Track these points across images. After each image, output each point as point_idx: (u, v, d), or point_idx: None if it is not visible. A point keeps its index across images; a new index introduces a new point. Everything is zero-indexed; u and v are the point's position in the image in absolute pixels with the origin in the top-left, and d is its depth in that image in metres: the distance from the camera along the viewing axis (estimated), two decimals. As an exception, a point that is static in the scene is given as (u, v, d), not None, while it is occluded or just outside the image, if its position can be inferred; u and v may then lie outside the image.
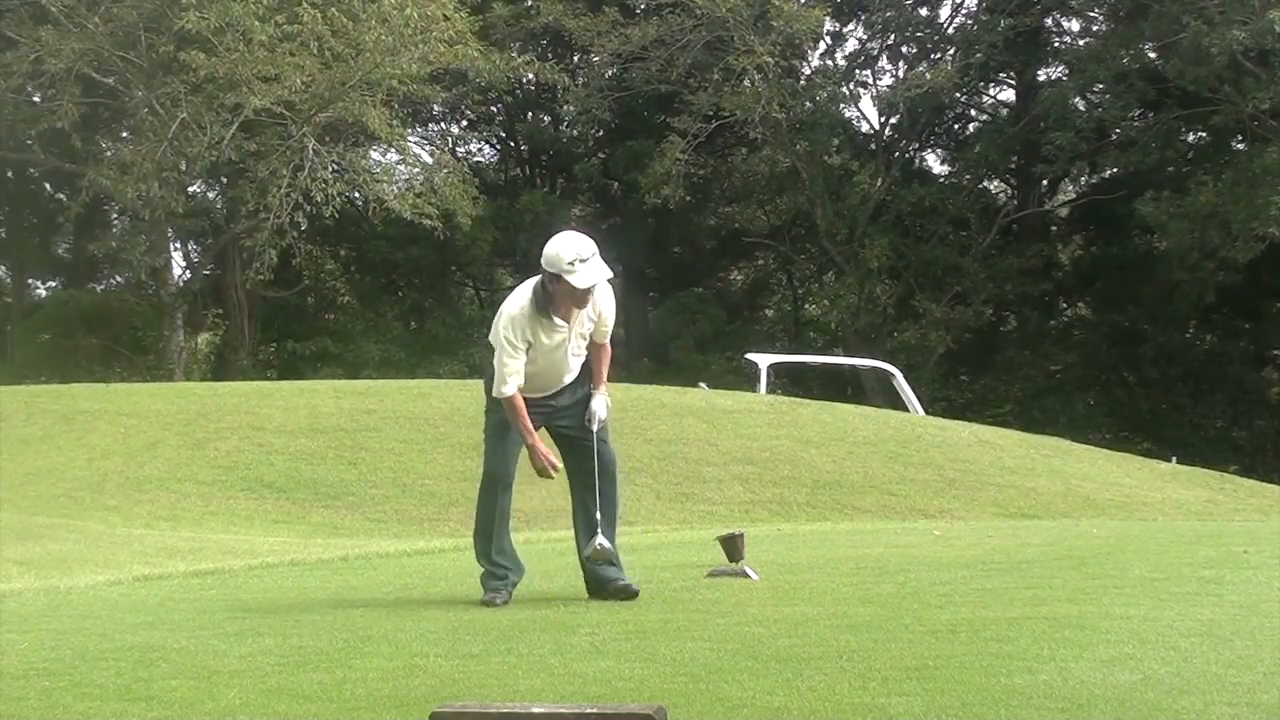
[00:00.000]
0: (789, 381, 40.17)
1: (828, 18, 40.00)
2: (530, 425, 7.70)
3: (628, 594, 7.67)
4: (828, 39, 42.39)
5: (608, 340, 7.97)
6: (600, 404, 7.86)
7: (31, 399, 25.60)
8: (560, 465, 7.91)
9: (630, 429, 23.14)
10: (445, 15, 33.25)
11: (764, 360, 32.97)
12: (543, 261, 7.59)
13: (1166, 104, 37.89)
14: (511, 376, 7.62)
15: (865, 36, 43.95)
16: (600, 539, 7.61)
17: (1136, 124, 39.52)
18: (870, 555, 9.86)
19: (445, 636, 6.46)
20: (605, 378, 8.01)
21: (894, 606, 6.97)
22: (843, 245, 40.94)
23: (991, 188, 46.76)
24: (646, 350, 44.53)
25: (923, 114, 41.96)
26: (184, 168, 36.20)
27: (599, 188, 45.84)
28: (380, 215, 38.88)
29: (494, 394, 7.73)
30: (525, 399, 7.70)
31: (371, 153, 38.71)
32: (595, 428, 7.82)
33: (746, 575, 8.45)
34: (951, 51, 42.35)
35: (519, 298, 7.70)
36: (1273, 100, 35.32)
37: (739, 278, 50.94)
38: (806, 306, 49.01)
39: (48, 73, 33.98)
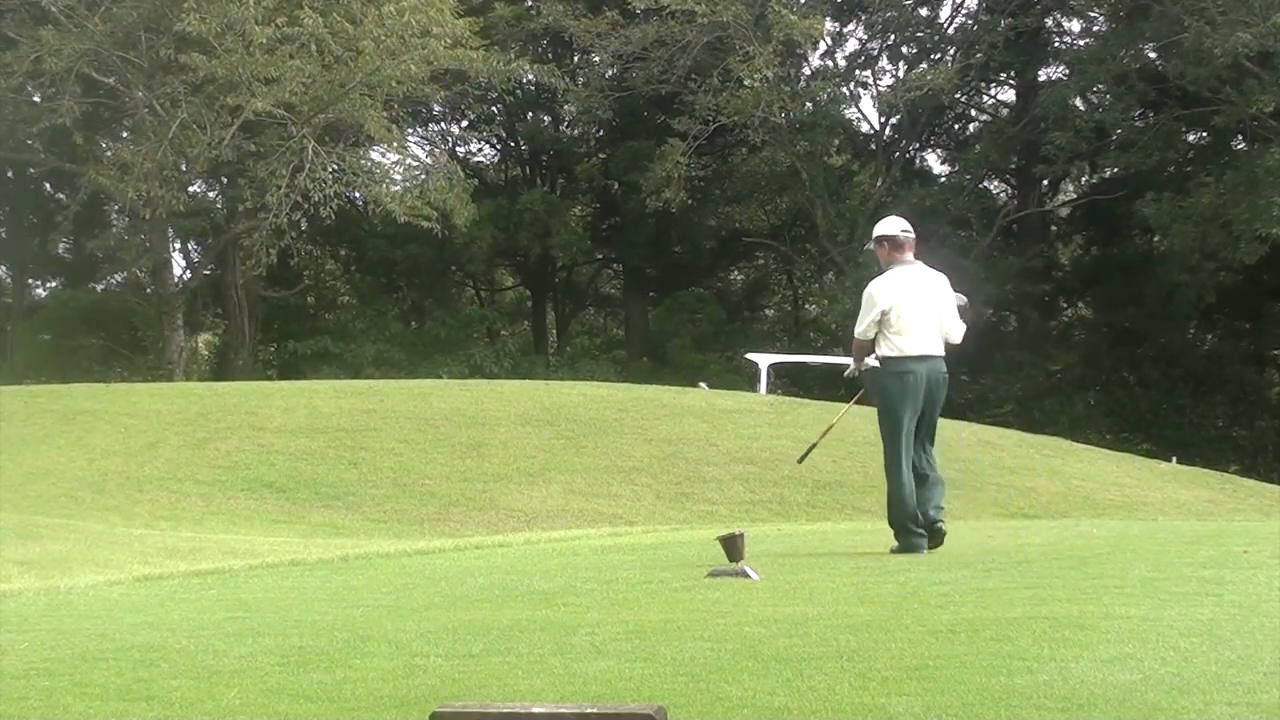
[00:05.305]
0: (789, 381, 40.16)
1: (827, 19, 39.97)
2: None
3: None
4: (828, 39, 42.42)
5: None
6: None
7: (31, 399, 25.59)
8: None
9: (630, 429, 23.17)
10: (441, 21, 33.21)
11: (764, 360, 32.96)
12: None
13: (1167, 104, 37.85)
14: None
15: (865, 37, 43.98)
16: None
17: (1137, 124, 39.48)
18: (870, 555, 9.87)
19: (445, 636, 6.45)
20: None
21: (894, 606, 6.96)
22: (843, 245, 40.92)
23: (992, 188, 46.75)
24: (646, 350, 44.52)
25: (923, 114, 41.95)
26: (184, 168, 36.19)
27: (599, 188, 45.83)
28: (379, 215, 38.89)
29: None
30: None
31: (371, 153, 38.73)
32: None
33: (746, 575, 8.44)
34: (951, 51, 42.33)
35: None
36: (1275, 101, 35.26)
37: (739, 278, 50.96)
38: (807, 306, 49.01)
39: (48, 72, 33.97)
